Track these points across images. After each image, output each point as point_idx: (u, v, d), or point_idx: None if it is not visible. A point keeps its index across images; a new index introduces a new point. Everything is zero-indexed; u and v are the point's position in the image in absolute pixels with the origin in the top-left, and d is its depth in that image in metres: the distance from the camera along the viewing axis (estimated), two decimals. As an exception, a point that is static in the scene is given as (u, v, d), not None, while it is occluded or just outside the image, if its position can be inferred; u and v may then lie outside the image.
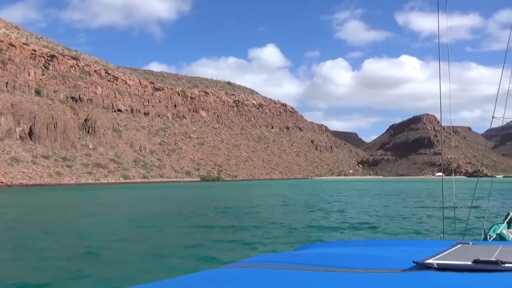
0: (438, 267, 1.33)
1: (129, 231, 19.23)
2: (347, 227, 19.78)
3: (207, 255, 12.54)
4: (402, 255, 1.56)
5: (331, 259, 1.63)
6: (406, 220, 22.93)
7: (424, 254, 1.51)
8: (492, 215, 16.82)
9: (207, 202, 42.12)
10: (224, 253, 12.73)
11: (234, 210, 30.37)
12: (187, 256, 12.35)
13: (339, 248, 2.13)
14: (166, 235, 18.04)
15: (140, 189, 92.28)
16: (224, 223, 21.45)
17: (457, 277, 1.23)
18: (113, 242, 15.53)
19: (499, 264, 1.27)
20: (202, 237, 16.67)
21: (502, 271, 1.23)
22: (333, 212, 27.82)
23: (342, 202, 40.19)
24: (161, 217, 26.84)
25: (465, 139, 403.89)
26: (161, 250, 13.70)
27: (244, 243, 14.93)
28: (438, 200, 40.83)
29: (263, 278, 1.38)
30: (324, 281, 1.28)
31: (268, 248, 12.95)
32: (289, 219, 23.64)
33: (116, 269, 11.06)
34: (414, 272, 1.32)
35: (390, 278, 1.27)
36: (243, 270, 1.55)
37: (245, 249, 13.44)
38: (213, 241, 15.42)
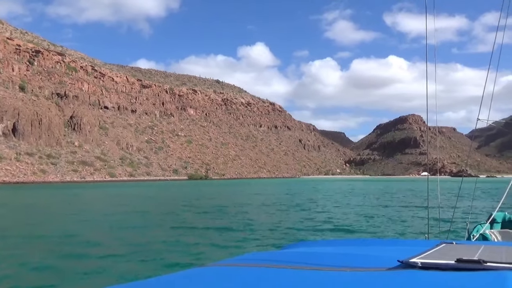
0: (422, 266, 1.37)
1: (106, 232, 18.56)
2: (333, 227, 19.82)
3: (186, 257, 12.16)
4: (388, 254, 1.59)
5: (318, 258, 1.66)
6: (392, 220, 23.11)
7: (408, 253, 1.55)
8: (476, 213, 17.06)
9: (192, 201, 41.59)
10: (201, 255, 12.27)
11: (218, 210, 29.86)
12: (162, 259, 11.82)
13: (326, 247, 2.16)
14: (143, 235, 17.30)
15: (125, 188, 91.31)
16: (207, 224, 20.78)
17: (440, 275, 1.26)
18: (86, 244, 14.95)
19: (481, 263, 1.31)
20: (183, 238, 16.15)
21: (484, 270, 1.27)
22: (319, 212, 27.74)
23: (328, 202, 40.34)
24: (141, 216, 25.90)
25: (450, 140, 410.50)
26: (135, 251, 13.23)
27: (223, 244, 14.52)
28: (423, 199, 41.33)
29: (250, 276, 1.40)
30: (311, 279, 1.29)
31: (250, 250, 12.84)
32: (274, 219, 23.44)
33: (92, 270, 10.75)
34: (399, 270, 1.35)
35: (375, 277, 1.30)
36: (231, 268, 1.55)
37: (222, 250, 13.01)
38: (191, 243, 14.86)
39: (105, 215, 26.75)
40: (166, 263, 11.27)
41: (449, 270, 1.31)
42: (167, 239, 16.00)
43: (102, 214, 27.32)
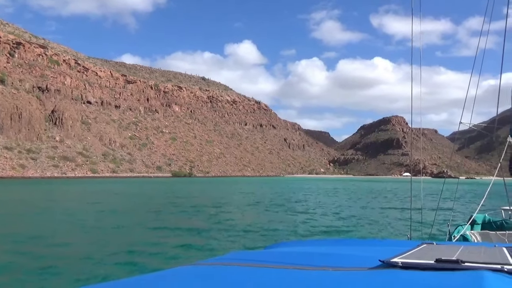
0: (403, 266, 1.40)
1: (76, 231, 17.39)
2: (315, 228, 19.85)
3: (155, 259, 11.62)
4: (370, 254, 1.62)
5: (301, 257, 1.69)
6: (374, 221, 23.31)
7: (390, 253, 1.58)
8: (457, 212, 17.35)
9: (172, 200, 40.76)
10: (172, 258, 11.66)
11: (198, 209, 29.00)
12: (129, 261, 11.12)
13: (309, 247, 2.18)
14: (115, 236, 16.34)
15: (106, 184, 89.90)
16: (184, 224, 20.02)
17: (420, 275, 1.30)
18: (52, 244, 13.95)
19: (459, 263, 1.35)
20: (156, 238, 15.41)
21: (461, 270, 1.31)
22: (301, 212, 27.51)
23: (312, 201, 40.49)
24: (114, 215, 24.86)
25: (432, 141, 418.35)
26: (102, 253, 12.39)
27: (198, 245, 13.90)
28: (406, 200, 41.88)
29: (234, 275, 1.41)
30: (294, 278, 1.33)
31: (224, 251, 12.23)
32: (255, 219, 23.15)
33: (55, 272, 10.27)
34: (380, 270, 1.39)
35: (357, 276, 1.33)
36: (215, 267, 1.57)
37: (197, 252, 12.45)
38: (165, 244, 14.23)
39: (71, 214, 24.58)
40: (132, 264, 10.67)
41: (428, 270, 1.34)
42: (138, 239, 15.24)
43: (69, 214, 25.24)
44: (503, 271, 1.28)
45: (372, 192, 63.32)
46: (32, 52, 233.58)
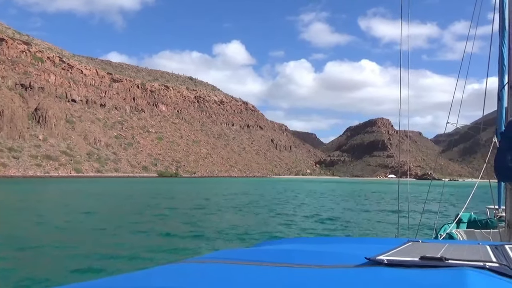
0: (388, 263, 1.41)
1: (39, 233, 16.61)
2: (305, 229, 19.78)
3: (129, 261, 11.16)
4: (356, 252, 1.62)
5: (288, 255, 1.70)
6: (363, 221, 23.40)
7: (376, 251, 1.59)
8: (443, 213, 17.56)
9: (154, 200, 39.59)
10: (141, 263, 10.92)
11: (178, 210, 28.22)
12: (93, 268, 10.48)
13: (296, 245, 2.22)
14: (81, 238, 15.46)
15: (88, 184, 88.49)
16: (162, 227, 19.12)
17: (404, 272, 1.30)
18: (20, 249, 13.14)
19: (443, 261, 1.37)
20: (127, 242, 14.66)
21: (445, 267, 1.32)
22: (282, 214, 26.86)
23: (295, 203, 40.43)
24: (90, 216, 23.82)
25: (416, 144, 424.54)
26: (63, 257, 11.69)
27: (171, 249, 13.28)
28: (393, 201, 42.21)
29: (219, 273, 1.41)
30: (280, 276, 1.33)
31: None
32: (235, 221, 22.70)
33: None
34: (365, 267, 1.40)
35: (342, 273, 1.34)
36: (202, 265, 1.57)
37: (170, 256, 11.78)
38: (140, 247, 13.54)
39: (41, 215, 23.60)
40: (95, 271, 10.07)
41: (413, 267, 1.36)
42: (107, 242, 14.51)
43: (38, 215, 24.07)
44: (485, 268, 1.30)
45: (360, 194, 63.74)
46: (15, 48, 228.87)
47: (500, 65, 4.34)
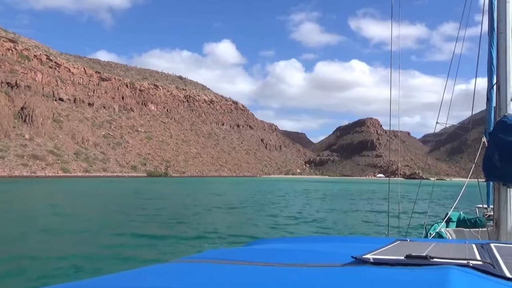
0: (374, 262, 1.43)
1: (26, 235, 16.06)
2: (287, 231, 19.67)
3: (107, 264, 10.77)
4: (344, 251, 1.63)
5: (277, 255, 1.72)
6: (352, 222, 23.45)
7: (364, 250, 1.61)
8: (433, 212, 17.68)
9: (139, 200, 38.58)
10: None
11: (161, 211, 27.21)
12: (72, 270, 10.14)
13: (286, 244, 2.21)
14: (71, 240, 15.01)
15: (77, 184, 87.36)
16: (141, 227, 18.52)
17: (389, 271, 1.33)
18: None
19: (428, 259, 1.39)
20: (114, 243, 14.21)
21: (429, 265, 1.35)
22: (270, 215, 26.34)
23: (287, 202, 40.44)
24: (77, 218, 23.14)
25: (404, 143, 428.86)
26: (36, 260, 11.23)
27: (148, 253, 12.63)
28: (384, 200, 42.48)
29: (210, 272, 1.42)
30: (268, 275, 1.35)
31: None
32: (220, 222, 22.39)
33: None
34: (351, 266, 1.42)
35: (328, 272, 1.36)
36: (192, 264, 1.58)
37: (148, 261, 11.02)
38: (119, 249, 13.07)
39: (18, 216, 23.22)
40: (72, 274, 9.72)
41: (398, 266, 1.37)
42: (89, 243, 14.07)
43: (16, 216, 23.55)
44: (469, 266, 1.32)
45: (350, 193, 64.06)
46: (1, 46, 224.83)
47: (489, 66, 4.38)
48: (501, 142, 3.71)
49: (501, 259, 1.53)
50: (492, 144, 3.88)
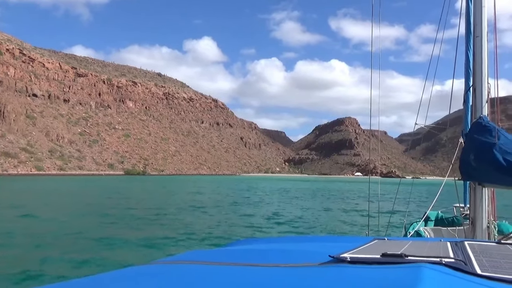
0: (350, 261, 1.46)
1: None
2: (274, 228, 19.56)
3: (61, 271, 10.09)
4: (323, 250, 1.64)
5: (255, 255, 1.74)
6: (333, 220, 23.49)
7: (342, 249, 1.63)
8: (412, 212, 17.87)
9: (112, 200, 37.14)
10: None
11: (133, 212, 26.12)
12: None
13: (266, 244, 2.22)
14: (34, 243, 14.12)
15: (49, 182, 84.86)
16: (106, 229, 17.58)
17: (365, 269, 1.36)
18: None
19: (402, 257, 1.43)
20: (70, 247, 13.38)
21: (404, 263, 1.38)
22: (245, 215, 25.83)
23: (265, 201, 40.32)
24: (38, 219, 21.81)
25: (381, 143, 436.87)
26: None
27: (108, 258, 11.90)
28: (364, 199, 42.87)
29: (188, 274, 1.42)
30: (247, 276, 1.36)
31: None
32: (202, 221, 22.22)
33: None
34: (328, 265, 1.44)
35: (306, 272, 1.38)
36: (171, 266, 1.57)
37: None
38: (75, 254, 12.23)
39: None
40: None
41: (373, 264, 1.41)
42: (58, 246, 13.36)
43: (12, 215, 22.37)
44: (441, 263, 1.35)
45: (330, 191, 64.52)
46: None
47: (466, 68, 4.45)
48: (477, 143, 3.77)
49: (473, 257, 1.57)
50: (468, 145, 3.94)
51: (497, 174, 3.65)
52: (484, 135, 3.79)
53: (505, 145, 3.65)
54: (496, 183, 3.87)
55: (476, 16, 4.17)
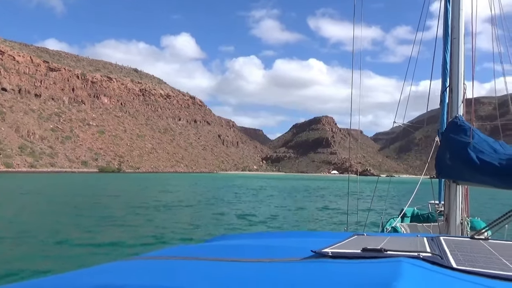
0: (332, 255, 1.49)
1: None
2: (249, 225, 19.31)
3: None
4: (305, 245, 1.67)
5: (238, 250, 1.75)
6: (312, 216, 23.47)
7: (323, 244, 1.67)
8: (389, 208, 18.04)
9: (79, 198, 35.56)
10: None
11: (110, 211, 25.17)
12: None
13: (248, 240, 2.23)
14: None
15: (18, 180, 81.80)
16: (70, 230, 16.65)
17: (346, 263, 1.41)
18: None
19: (382, 252, 1.48)
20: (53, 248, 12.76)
21: (384, 258, 1.43)
22: (220, 213, 25.48)
23: (242, 199, 40.11)
24: (14, 218, 20.89)
25: (357, 141, 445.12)
26: None
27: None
28: (339, 197, 43.25)
29: (170, 269, 1.42)
30: (228, 271, 1.36)
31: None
32: (177, 219, 21.93)
33: None
34: (310, 260, 1.47)
35: (288, 267, 1.40)
36: (153, 261, 1.58)
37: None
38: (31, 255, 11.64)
39: None
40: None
41: (355, 259, 1.46)
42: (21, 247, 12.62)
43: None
44: (419, 258, 1.41)
45: (308, 189, 64.86)
46: None
47: (443, 69, 4.53)
48: (452, 142, 3.90)
49: (448, 251, 1.65)
50: (444, 144, 4.07)
51: (471, 172, 3.73)
52: (459, 134, 3.89)
53: (479, 144, 3.73)
54: (470, 181, 3.97)
55: (453, 19, 4.29)
